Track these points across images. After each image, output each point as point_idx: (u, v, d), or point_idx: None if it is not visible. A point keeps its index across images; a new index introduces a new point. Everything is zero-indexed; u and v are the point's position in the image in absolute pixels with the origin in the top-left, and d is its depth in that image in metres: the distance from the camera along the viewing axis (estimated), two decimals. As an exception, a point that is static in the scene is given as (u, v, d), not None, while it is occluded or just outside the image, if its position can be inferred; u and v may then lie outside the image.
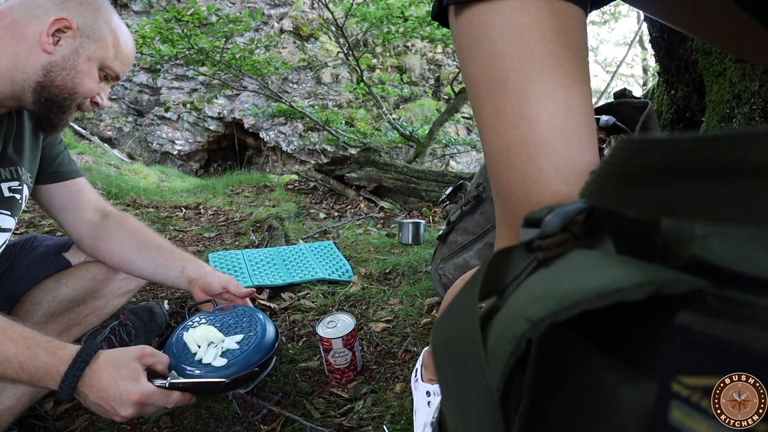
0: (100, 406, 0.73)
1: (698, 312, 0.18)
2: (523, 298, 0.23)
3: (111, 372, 0.73)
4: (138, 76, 7.34)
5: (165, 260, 1.03)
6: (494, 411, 0.21)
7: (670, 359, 0.18)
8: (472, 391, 0.22)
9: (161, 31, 3.94)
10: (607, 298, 0.19)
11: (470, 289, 0.26)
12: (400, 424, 0.92)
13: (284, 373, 1.09)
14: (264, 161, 7.54)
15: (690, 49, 1.58)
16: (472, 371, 0.23)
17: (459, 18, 0.53)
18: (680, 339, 0.18)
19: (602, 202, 0.22)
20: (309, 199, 3.14)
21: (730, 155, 0.17)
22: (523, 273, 0.25)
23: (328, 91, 7.35)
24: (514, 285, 0.25)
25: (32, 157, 0.96)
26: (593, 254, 0.24)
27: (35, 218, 2.27)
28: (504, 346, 0.22)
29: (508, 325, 0.22)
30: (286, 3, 7.51)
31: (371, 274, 1.64)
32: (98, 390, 0.72)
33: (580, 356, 0.23)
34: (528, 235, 0.27)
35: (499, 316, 0.24)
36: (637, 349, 0.21)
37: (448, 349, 0.25)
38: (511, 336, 0.21)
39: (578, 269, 0.22)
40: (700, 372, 0.18)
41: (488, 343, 0.23)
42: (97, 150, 5.98)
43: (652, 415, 0.19)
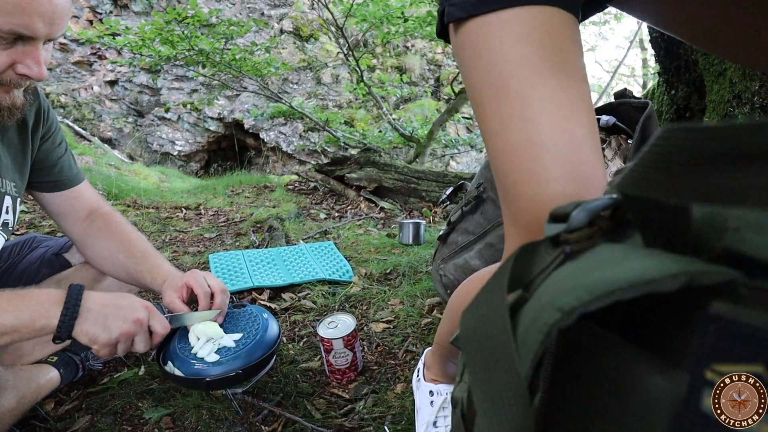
0: (105, 316, 0.76)
1: (732, 302, 0.18)
2: (553, 289, 0.23)
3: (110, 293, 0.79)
4: (138, 77, 7.34)
5: (138, 265, 0.99)
6: (523, 399, 0.22)
7: (703, 348, 0.18)
8: (502, 380, 0.22)
9: (161, 33, 3.94)
10: (639, 288, 0.19)
11: (498, 281, 0.26)
12: (401, 424, 0.92)
13: (285, 373, 1.09)
14: (264, 162, 7.54)
15: (690, 49, 1.58)
16: (501, 360, 0.23)
17: (459, 33, 0.55)
18: (714, 328, 0.18)
19: (644, 192, 0.22)
20: (309, 200, 3.14)
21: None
22: (550, 266, 0.26)
23: (328, 92, 7.35)
24: (541, 278, 0.26)
25: (16, 165, 0.90)
26: (622, 247, 0.24)
27: (35, 218, 2.27)
28: (534, 335, 0.22)
29: (539, 315, 0.22)
30: (285, 3, 7.51)
31: (372, 275, 1.64)
32: (104, 298, 0.76)
33: (604, 347, 0.23)
34: (553, 230, 0.28)
35: (528, 307, 0.24)
36: (666, 340, 0.22)
37: (477, 339, 0.25)
38: (542, 325, 0.22)
39: (608, 261, 0.23)
40: (734, 359, 0.18)
41: (518, 333, 0.23)
42: (98, 151, 5.98)
43: (683, 404, 0.19)
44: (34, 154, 0.95)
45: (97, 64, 7.31)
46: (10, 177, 0.89)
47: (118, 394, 1.03)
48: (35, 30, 0.68)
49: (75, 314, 0.74)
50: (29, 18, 0.67)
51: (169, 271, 0.98)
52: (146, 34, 3.99)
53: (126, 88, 7.41)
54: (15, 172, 0.91)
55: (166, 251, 2.04)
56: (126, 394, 1.03)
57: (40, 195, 0.99)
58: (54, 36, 0.72)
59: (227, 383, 0.90)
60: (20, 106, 0.77)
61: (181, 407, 0.98)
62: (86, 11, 7.05)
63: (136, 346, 0.81)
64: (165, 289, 0.93)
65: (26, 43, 0.70)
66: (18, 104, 0.76)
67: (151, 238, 2.23)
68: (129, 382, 1.07)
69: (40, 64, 0.71)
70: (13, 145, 0.89)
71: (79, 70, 7.30)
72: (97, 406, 1.00)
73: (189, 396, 1.01)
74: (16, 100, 0.76)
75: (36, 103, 0.92)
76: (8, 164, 0.88)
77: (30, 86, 0.78)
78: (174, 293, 0.92)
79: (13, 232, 0.94)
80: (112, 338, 0.76)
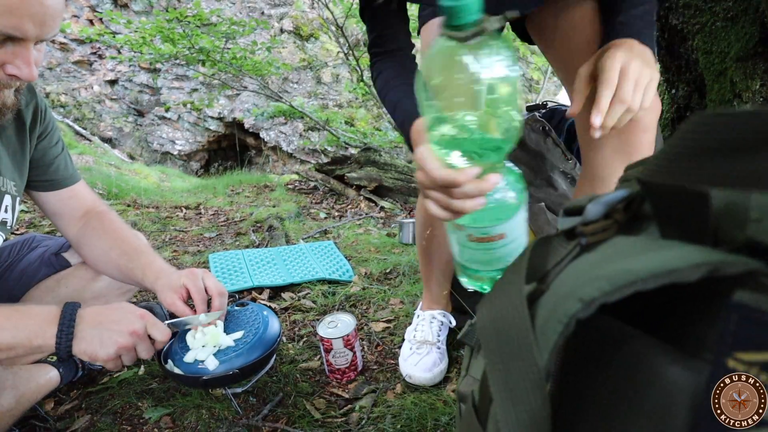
0: (101, 333, 0.76)
1: (755, 291, 0.18)
2: (573, 280, 0.24)
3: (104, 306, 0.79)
4: (138, 76, 7.34)
5: (130, 262, 0.98)
6: (541, 389, 0.22)
7: (725, 337, 0.18)
8: (520, 370, 0.23)
9: (162, 31, 3.95)
10: (661, 278, 0.19)
11: (515, 273, 0.27)
12: (400, 423, 0.92)
13: (285, 373, 1.09)
14: (264, 161, 7.54)
15: (691, 48, 1.58)
16: (520, 350, 0.23)
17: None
18: (737, 317, 0.18)
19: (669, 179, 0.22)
20: (309, 199, 3.14)
21: None
22: (565, 258, 0.26)
23: (329, 91, 7.35)
24: (557, 270, 0.26)
25: (15, 164, 0.90)
26: (638, 239, 0.24)
27: (35, 218, 2.27)
28: (554, 325, 0.22)
29: (559, 305, 0.22)
30: (286, 3, 7.51)
31: (372, 274, 1.64)
32: (98, 314, 0.76)
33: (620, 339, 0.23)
34: (567, 223, 0.28)
35: (546, 298, 0.24)
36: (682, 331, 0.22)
37: (495, 330, 0.25)
38: (562, 315, 0.22)
39: (627, 252, 0.23)
40: (757, 348, 0.18)
41: (536, 324, 0.23)
42: (98, 150, 5.99)
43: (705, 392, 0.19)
44: (31, 153, 0.94)
45: (97, 64, 7.31)
46: (9, 176, 0.89)
47: (118, 394, 1.03)
48: (25, 31, 0.67)
49: (70, 335, 0.74)
50: (19, 20, 0.66)
51: (162, 267, 0.96)
52: (147, 32, 4.00)
53: (126, 88, 7.41)
54: (14, 171, 0.90)
55: (166, 251, 2.04)
56: (126, 394, 1.03)
57: (36, 194, 0.99)
58: (45, 37, 0.71)
59: (227, 381, 0.90)
60: (11, 106, 0.77)
61: (181, 407, 0.98)
62: (86, 10, 7.05)
63: (140, 354, 0.80)
64: (163, 289, 0.92)
65: (16, 44, 0.69)
66: (8, 104, 0.76)
67: (151, 237, 2.23)
68: (128, 382, 1.07)
69: (30, 65, 0.71)
70: (11, 145, 0.89)
71: (80, 69, 7.30)
72: (97, 406, 1.00)
73: (189, 395, 1.01)
74: (7, 100, 0.76)
75: (33, 102, 0.92)
76: (7, 163, 0.88)
77: (21, 86, 0.77)
78: (174, 294, 0.91)
79: (13, 232, 0.94)
80: (111, 354, 0.76)
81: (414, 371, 1.03)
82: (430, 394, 1.00)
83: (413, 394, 1.00)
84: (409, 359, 1.06)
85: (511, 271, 0.27)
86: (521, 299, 0.25)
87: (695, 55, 1.55)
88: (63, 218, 1.01)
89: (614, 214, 0.27)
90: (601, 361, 0.24)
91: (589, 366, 0.24)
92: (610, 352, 0.23)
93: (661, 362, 0.21)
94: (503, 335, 0.25)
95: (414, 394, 1.00)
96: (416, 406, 0.95)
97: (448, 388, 1.02)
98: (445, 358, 1.09)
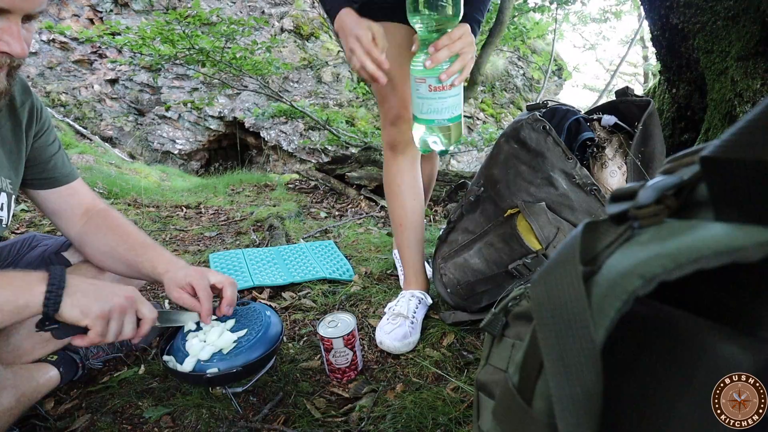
0: (97, 287, 0.75)
1: None
2: (629, 259, 0.24)
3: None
4: (139, 76, 7.34)
5: (139, 256, 0.99)
6: (597, 364, 0.22)
7: None
8: (575, 345, 0.23)
9: (162, 32, 3.94)
10: (724, 256, 0.19)
11: (570, 253, 0.27)
12: (400, 423, 0.92)
13: (285, 372, 1.09)
14: (265, 160, 7.54)
15: (691, 47, 1.58)
16: (575, 326, 0.24)
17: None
18: None
19: (741, 154, 0.22)
20: (310, 199, 3.14)
21: None
22: (616, 241, 0.27)
23: (329, 90, 7.35)
24: (607, 253, 0.27)
25: (11, 163, 0.90)
26: (693, 222, 0.25)
27: (35, 218, 2.27)
28: (612, 302, 0.22)
29: (617, 283, 0.23)
30: (286, 2, 7.51)
31: (372, 274, 1.64)
32: (88, 279, 0.75)
33: (663, 319, 0.24)
34: (615, 209, 0.29)
35: (600, 277, 0.25)
36: (739, 311, 0.22)
37: (550, 307, 0.26)
38: (621, 292, 0.22)
39: (684, 232, 0.23)
40: None
41: (592, 301, 0.24)
42: (98, 149, 5.99)
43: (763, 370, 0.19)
44: (27, 152, 0.94)
45: (97, 63, 7.31)
46: (5, 174, 0.88)
47: (118, 393, 1.03)
48: (11, 2, 0.66)
49: (61, 289, 0.72)
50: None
51: (170, 259, 0.98)
52: (146, 34, 3.99)
53: (126, 87, 7.41)
54: (10, 169, 0.90)
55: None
56: (126, 393, 1.03)
57: (35, 193, 0.99)
58: (32, 11, 0.70)
59: (230, 379, 0.90)
60: (3, 91, 0.75)
61: (181, 406, 0.98)
62: (87, 10, 7.05)
63: (125, 328, 0.79)
64: (169, 284, 0.93)
65: (3, 19, 0.67)
66: (1, 89, 0.73)
67: (151, 236, 2.22)
68: (129, 381, 1.07)
69: (19, 40, 0.68)
70: (7, 143, 0.89)
71: (80, 68, 7.30)
72: (97, 405, 1.00)
73: (189, 395, 1.01)
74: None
75: (29, 101, 0.92)
76: (3, 161, 0.88)
77: (12, 70, 0.74)
78: (180, 290, 0.93)
79: (13, 231, 0.94)
80: (105, 310, 0.74)
81: (386, 338, 1.16)
82: (430, 393, 1.00)
83: (413, 394, 1.00)
84: (383, 327, 1.19)
85: (564, 252, 0.28)
86: (578, 276, 0.25)
87: (696, 55, 1.54)
88: (63, 216, 1.01)
89: (665, 199, 0.28)
90: (645, 341, 0.24)
91: (631, 345, 0.25)
92: (654, 332, 0.24)
93: (710, 340, 0.21)
94: (559, 311, 0.25)
95: (414, 394, 1.00)
96: (416, 406, 0.95)
97: (448, 388, 1.02)
98: (416, 332, 1.20)
